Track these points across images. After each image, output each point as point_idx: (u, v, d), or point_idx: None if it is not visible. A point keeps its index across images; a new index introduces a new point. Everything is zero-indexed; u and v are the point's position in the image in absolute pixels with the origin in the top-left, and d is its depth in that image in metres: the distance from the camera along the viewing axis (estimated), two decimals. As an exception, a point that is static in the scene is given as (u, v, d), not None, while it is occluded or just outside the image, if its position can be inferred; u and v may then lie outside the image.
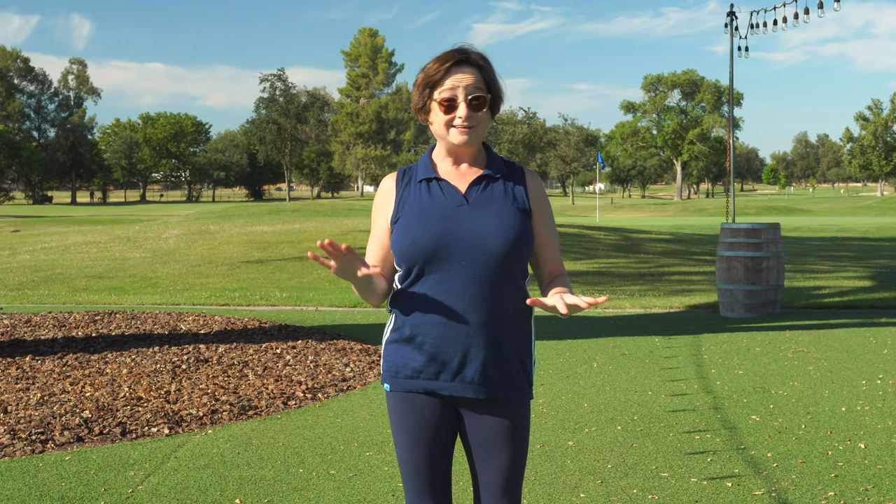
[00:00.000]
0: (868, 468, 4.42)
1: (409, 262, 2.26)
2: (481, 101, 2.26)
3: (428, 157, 2.38)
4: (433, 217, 2.26)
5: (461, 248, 2.23)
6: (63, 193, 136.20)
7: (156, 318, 9.47)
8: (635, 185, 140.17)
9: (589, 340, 8.18)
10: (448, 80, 2.25)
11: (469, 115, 2.25)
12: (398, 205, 2.32)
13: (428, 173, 2.33)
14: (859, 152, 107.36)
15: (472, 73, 2.27)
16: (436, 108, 2.28)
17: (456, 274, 2.23)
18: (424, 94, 2.29)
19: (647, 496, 4.06)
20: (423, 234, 2.24)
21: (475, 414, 2.33)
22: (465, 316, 2.24)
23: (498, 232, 2.23)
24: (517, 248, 2.25)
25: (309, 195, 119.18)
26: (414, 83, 2.33)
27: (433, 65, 2.28)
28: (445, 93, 2.25)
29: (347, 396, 6.08)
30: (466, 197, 2.28)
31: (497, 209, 2.27)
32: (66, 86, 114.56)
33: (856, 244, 22.56)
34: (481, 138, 2.31)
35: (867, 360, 7.17)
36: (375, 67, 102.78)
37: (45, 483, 4.30)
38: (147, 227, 29.06)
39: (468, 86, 2.25)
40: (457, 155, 2.34)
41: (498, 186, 2.31)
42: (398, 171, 2.40)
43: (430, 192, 2.30)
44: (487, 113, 2.29)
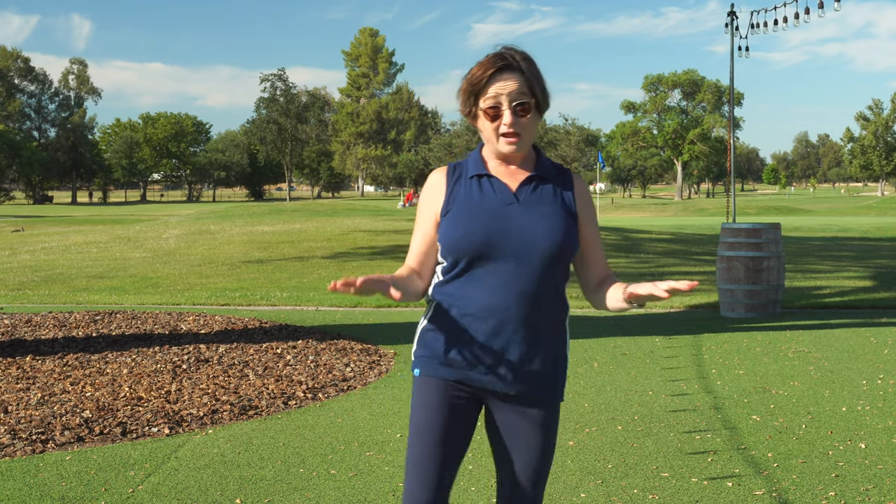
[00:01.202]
0: (869, 468, 4.41)
1: (456, 256, 2.27)
2: (525, 107, 2.26)
3: (478, 153, 2.38)
4: (484, 213, 2.27)
5: (509, 246, 2.24)
6: (63, 193, 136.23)
7: (156, 318, 9.47)
8: (636, 184, 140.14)
9: (589, 340, 8.18)
10: (491, 88, 2.25)
11: (514, 122, 2.25)
12: (448, 199, 2.33)
13: (479, 170, 2.34)
14: (860, 152, 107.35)
15: (515, 78, 2.26)
16: (482, 116, 2.29)
17: (501, 270, 2.25)
18: (470, 101, 2.30)
19: (647, 496, 4.06)
20: (473, 229, 2.25)
21: (506, 409, 2.33)
22: (506, 312, 2.25)
23: (546, 233, 2.25)
24: (564, 250, 2.27)
25: (309, 195, 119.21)
26: (459, 89, 2.33)
27: (476, 71, 2.27)
28: (489, 101, 2.25)
29: (348, 396, 6.08)
30: (517, 195, 2.29)
31: (546, 210, 2.28)
32: (66, 86, 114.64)
33: (856, 244, 22.56)
34: (530, 143, 2.32)
35: (868, 359, 7.17)
36: (376, 67, 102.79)
37: (46, 483, 4.30)
38: (147, 226, 29.07)
39: (511, 92, 2.24)
40: (506, 157, 2.35)
41: (547, 188, 2.32)
42: (448, 165, 2.40)
43: (482, 189, 2.31)
44: (533, 117, 2.29)
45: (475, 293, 2.26)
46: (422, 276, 2.38)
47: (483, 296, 2.25)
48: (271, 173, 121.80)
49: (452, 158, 70.84)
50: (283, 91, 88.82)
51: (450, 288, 2.31)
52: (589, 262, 2.40)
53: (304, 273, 14.87)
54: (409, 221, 27.91)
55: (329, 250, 18.43)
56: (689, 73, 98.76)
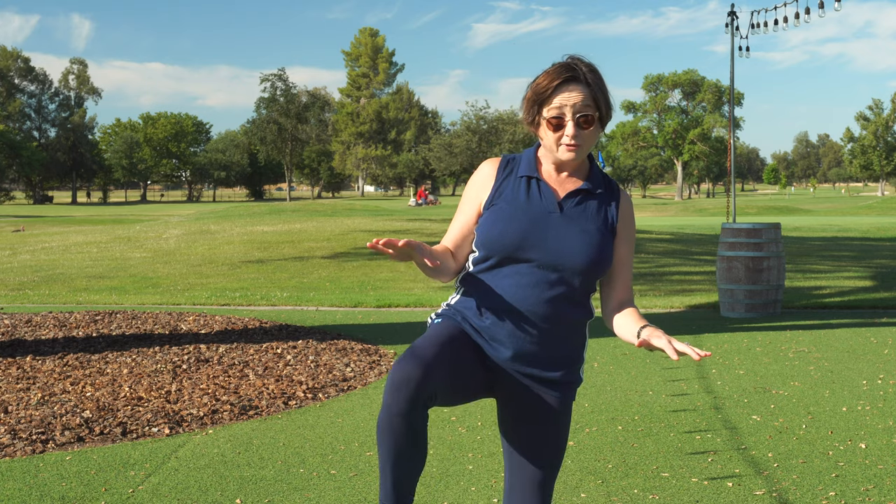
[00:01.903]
0: (869, 468, 4.41)
1: (488, 251, 2.29)
2: (589, 119, 2.27)
3: (533, 154, 2.40)
4: (525, 217, 2.29)
5: (542, 254, 2.26)
6: (64, 193, 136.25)
7: (156, 318, 9.47)
8: (636, 184, 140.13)
9: (589, 340, 8.15)
10: (556, 99, 2.26)
11: (576, 134, 2.26)
12: (495, 192, 2.35)
13: (530, 171, 2.35)
14: (860, 152, 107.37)
15: (581, 90, 2.27)
16: (545, 126, 2.30)
17: (530, 274, 2.27)
18: (533, 109, 2.31)
19: (647, 496, 4.06)
20: (510, 230, 2.27)
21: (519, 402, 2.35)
22: (529, 314, 2.27)
23: (582, 248, 2.26)
24: (596, 267, 2.29)
25: (309, 195, 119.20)
26: (524, 97, 2.34)
27: (543, 80, 2.28)
28: (553, 111, 2.26)
29: (348, 396, 6.08)
30: (561, 205, 2.31)
31: (586, 225, 2.30)
32: (66, 86, 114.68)
33: (856, 244, 22.56)
34: (587, 153, 2.33)
35: (868, 359, 7.17)
36: (376, 67, 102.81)
37: (46, 483, 4.30)
38: (148, 226, 29.07)
39: (576, 104, 2.25)
40: (561, 164, 2.36)
41: (593, 203, 2.33)
42: (502, 158, 2.42)
43: (529, 191, 2.33)
44: (596, 129, 2.30)
45: (502, 290, 2.28)
46: (456, 259, 2.40)
47: (509, 293, 2.27)
48: (271, 173, 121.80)
49: (453, 158, 70.77)
50: (284, 91, 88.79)
51: (478, 280, 2.33)
52: (614, 282, 2.41)
53: (304, 273, 14.87)
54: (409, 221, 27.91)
55: (329, 250, 18.43)
56: (690, 73, 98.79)
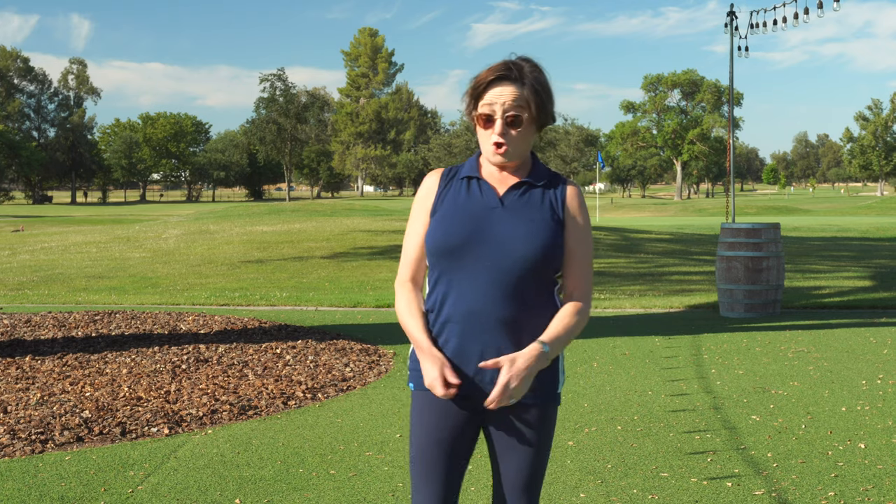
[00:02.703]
0: (868, 468, 4.42)
1: (436, 256, 2.28)
2: (517, 119, 2.23)
3: (476, 157, 2.39)
4: (466, 215, 2.27)
5: (487, 250, 2.23)
6: (63, 193, 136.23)
7: (156, 318, 9.46)
8: (635, 184, 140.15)
9: (589, 340, 8.18)
10: (488, 95, 2.24)
11: (504, 132, 2.23)
12: (437, 199, 2.34)
13: (471, 172, 2.34)
14: (859, 152, 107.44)
15: (514, 88, 2.23)
16: (477, 121, 2.28)
17: (479, 275, 2.23)
18: (470, 104, 2.30)
19: (647, 496, 4.06)
20: (453, 230, 2.25)
21: (499, 414, 2.32)
22: (487, 317, 2.23)
23: (526, 239, 2.23)
24: (544, 256, 2.24)
25: (309, 195, 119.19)
26: (464, 92, 2.33)
27: (481, 75, 2.27)
28: (484, 108, 2.25)
29: (347, 396, 6.08)
30: (503, 200, 2.28)
31: (530, 215, 2.26)
32: (65, 86, 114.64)
33: (856, 244, 22.56)
34: (519, 156, 2.28)
35: (867, 359, 7.17)
36: (375, 67, 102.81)
37: (45, 483, 4.30)
38: (147, 226, 29.06)
39: (506, 103, 2.22)
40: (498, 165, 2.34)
41: (536, 193, 2.30)
42: (445, 169, 2.40)
43: (469, 191, 2.31)
44: (527, 129, 2.26)
45: (456, 298, 2.25)
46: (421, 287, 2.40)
47: (463, 301, 2.24)
48: (271, 173, 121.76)
49: (452, 158, 70.83)
50: (283, 91, 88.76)
51: (434, 295, 2.31)
52: (565, 276, 2.34)
53: (303, 273, 14.87)
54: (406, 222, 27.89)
55: (329, 250, 18.43)
56: (689, 73, 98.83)
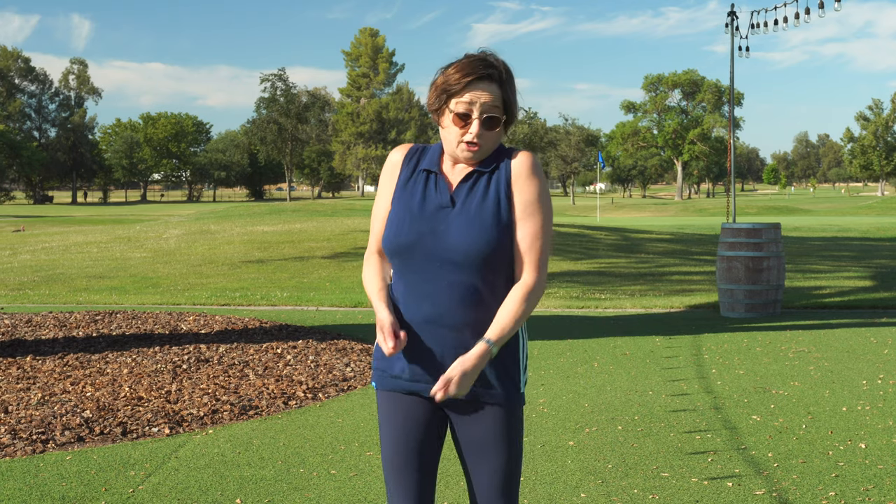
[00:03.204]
0: (869, 468, 4.42)
1: (389, 254, 2.29)
2: (495, 121, 2.23)
3: (439, 147, 2.36)
4: (418, 215, 2.26)
5: (437, 252, 2.21)
6: (64, 193, 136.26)
7: (156, 318, 9.47)
8: (636, 185, 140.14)
9: (589, 340, 8.18)
10: (467, 94, 2.21)
11: (480, 133, 2.22)
12: (399, 186, 2.33)
13: (431, 164, 2.31)
14: (860, 152, 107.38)
15: (492, 90, 2.22)
16: (450, 118, 2.24)
17: (433, 275, 2.22)
18: (441, 98, 2.25)
19: (647, 496, 4.06)
20: (404, 230, 2.25)
21: (463, 417, 2.30)
22: (442, 318, 2.22)
23: (475, 239, 2.20)
24: (494, 255, 2.21)
25: (309, 195, 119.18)
26: (432, 82, 2.27)
27: (455, 73, 2.22)
28: (461, 106, 2.21)
29: (348, 396, 6.08)
30: (454, 197, 2.26)
31: (479, 212, 2.22)
32: (66, 86, 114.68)
33: (856, 244, 22.56)
34: (487, 154, 2.28)
35: (868, 359, 7.17)
36: (376, 67, 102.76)
37: (46, 483, 4.30)
38: (148, 226, 29.06)
39: (485, 103, 2.21)
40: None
41: (482, 182, 2.26)
42: (411, 147, 2.37)
43: (426, 187, 2.30)
44: (500, 131, 2.26)
45: (412, 298, 2.25)
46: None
47: (419, 301, 2.24)
48: (271, 173, 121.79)
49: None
50: (284, 91, 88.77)
51: (395, 291, 2.31)
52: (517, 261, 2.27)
53: (304, 273, 14.87)
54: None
55: (329, 250, 18.43)
56: (689, 73, 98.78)
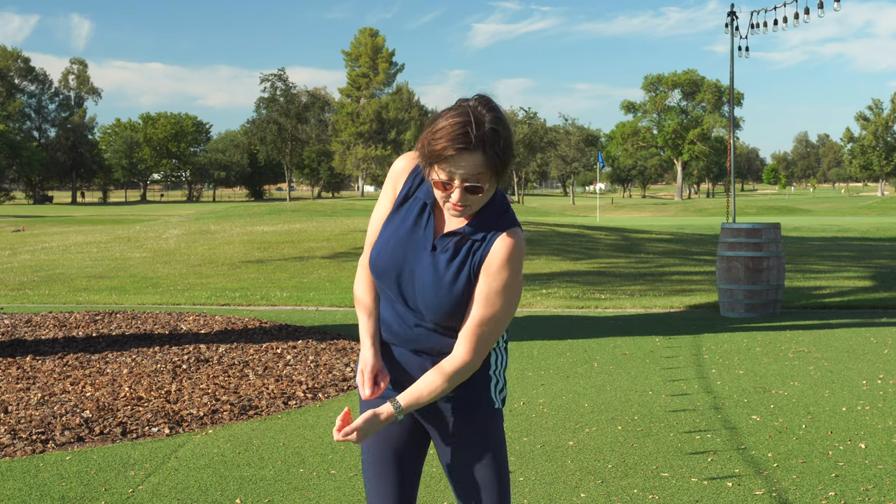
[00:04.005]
0: (869, 468, 4.42)
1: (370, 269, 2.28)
2: (476, 189, 2.14)
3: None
4: (402, 248, 2.23)
5: (408, 290, 2.22)
6: (63, 193, 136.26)
7: (156, 318, 9.47)
8: (636, 185, 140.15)
9: (589, 340, 8.18)
10: (446, 164, 2.10)
11: (463, 198, 2.14)
12: (397, 202, 2.29)
13: (428, 196, 2.26)
14: (860, 152, 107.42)
15: (476, 158, 2.09)
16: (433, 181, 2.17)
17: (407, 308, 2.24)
18: (425, 161, 2.17)
19: (647, 496, 4.06)
20: (382, 258, 2.24)
21: (442, 433, 2.31)
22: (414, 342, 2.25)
23: (443, 293, 2.18)
24: (452, 313, 2.20)
25: (309, 195, 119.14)
26: (420, 137, 2.18)
27: (439, 140, 2.09)
28: (443, 174, 2.12)
29: (348, 396, 6.08)
30: (436, 245, 2.22)
31: (454, 269, 2.20)
32: (66, 86, 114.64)
33: (856, 244, 22.56)
34: (477, 209, 2.21)
35: (868, 359, 7.17)
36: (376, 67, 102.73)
37: (46, 483, 4.30)
38: (147, 226, 29.06)
39: (466, 173, 2.10)
40: None
41: (465, 247, 2.21)
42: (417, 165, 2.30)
43: (418, 220, 2.25)
44: (486, 192, 2.17)
45: (390, 317, 2.27)
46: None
47: (395, 323, 2.26)
48: (271, 173, 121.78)
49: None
50: (284, 91, 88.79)
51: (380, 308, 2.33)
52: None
53: (304, 273, 14.87)
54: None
55: (329, 250, 18.44)
56: (689, 73, 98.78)
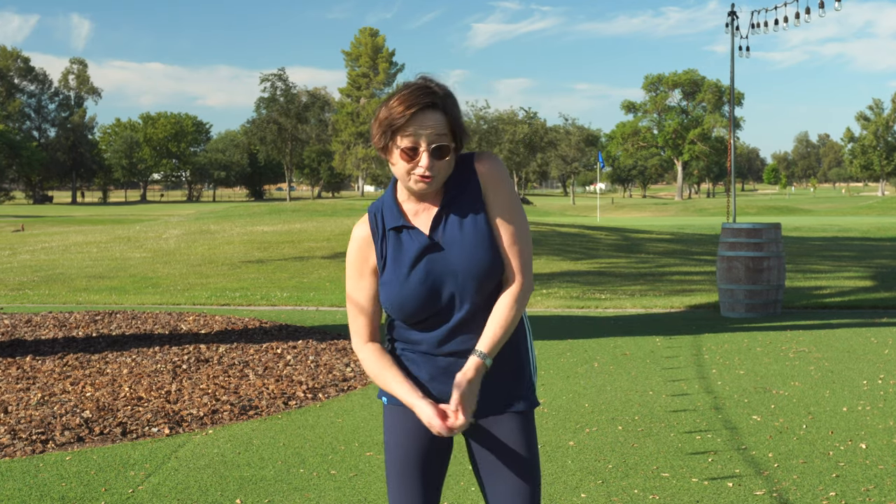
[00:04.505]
0: (869, 468, 4.41)
1: (402, 318, 2.25)
2: (444, 150, 2.15)
3: (392, 198, 2.28)
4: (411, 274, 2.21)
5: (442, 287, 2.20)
6: (63, 193, 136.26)
7: (156, 318, 9.46)
8: (636, 184, 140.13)
9: (590, 340, 8.17)
10: (411, 127, 2.12)
11: (431, 165, 2.14)
12: (380, 258, 2.26)
13: (396, 221, 2.24)
14: (860, 152, 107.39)
15: (437, 118, 2.14)
16: (397, 154, 2.16)
17: (446, 308, 2.22)
18: (386, 136, 2.17)
19: (648, 496, 4.05)
20: (408, 297, 2.20)
21: (481, 432, 2.29)
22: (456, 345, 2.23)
23: (469, 267, 2.19)
24: (489, 276, 2.21)
25: (309, 195, 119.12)
26: (374, 118, 2.20)
27: (396, 106, 2.13)
28: (408, 140, 2.12)
29: (348, 396, 6.07)
30: (433, 237, 2.22)
31: (462, 240, 2.21)
32: (66, 85, 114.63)
33: (857, 244, 22.55)
34: (442, 182, 2.21)
35: (868, 360, 7.17)
36: (376, 67, 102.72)
37: (46, 483, 4.30)
38: (148, 226, 29.06)
39: (431, 134, 2.13)
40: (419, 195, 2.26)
41: (456, 213, 2.22)
42: (368, 216, 2.30)
43: (402, 244, 2.24)
44: (451, 158, 2.19)
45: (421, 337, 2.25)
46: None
47: (431, 335, 2.23)
48: (271, 173, 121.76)
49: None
50: (284, 91, 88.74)
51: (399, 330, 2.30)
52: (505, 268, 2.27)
53: (304, 273, 14.86)
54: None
55: (329, 250, 18.43)
56: (690, 73, 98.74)
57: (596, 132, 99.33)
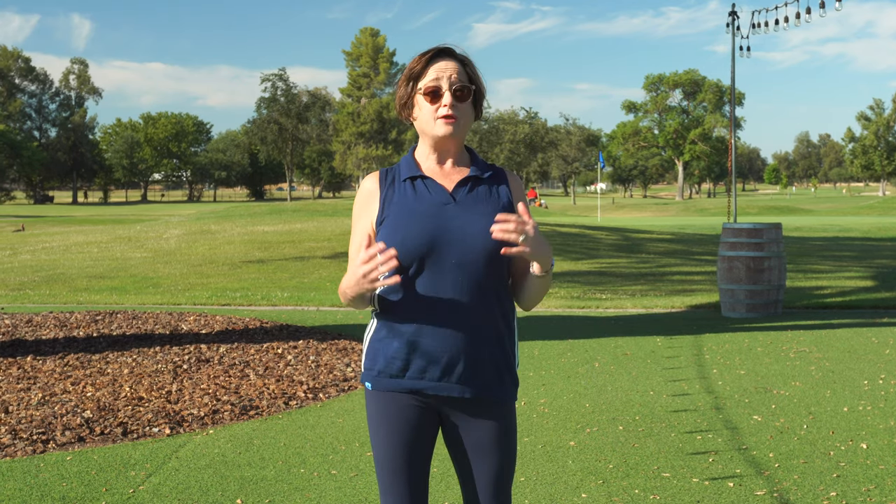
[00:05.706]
0: (870, 468, 4.41)
1: (403, 259, 2.22)
2: (465, 92, 2.27)
3: (411, 156, 2.36)
4: (421, 216, 2.23)
5: (450, 247, 2.21)
6: (64, 193, 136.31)
7: (157, 318, 9.47)
8: (637, 184, 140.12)
9: (590, 340, 8.17)
10: (431, 70, 2.27)
11: (453, 104, 2.25)
12: (383, 205, 2.29)
13: (412, 172, 2.31)
14: (861, 152, 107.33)
15: (456, 64, 2.29)
16: (420, 100, 2.28)
17: (444, 273, 2.21)
18: (409, 87, 2.30)
19: (648, 496, 4.05)
20: (411, 233, 2.21)
21: (462, 416, 2.30)
22: (454, 315, 2.22)
23: (486, 232, 2.20)
24: (493, 257, 2.23)
25: (310, 195, 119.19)
26: (397, 82, 2.34)
27: (416, 59, 2.31)
28: (430, 82, 2.26)
29: (349, 396, 6.08)
30: (454, 195, 2.26)
31: (483, 209, 2.26)
32: (67, 86, 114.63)
33: (857, 244, 22.54)
34: (465, 132, 2.30)
35: (869, 360, 7.17)
36: (376, 67, 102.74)
37: (47, 483, 4.30)
38: (148, 226, 29.06)
39: (452, 76, 2.27)
40: (441, 151, 2.32)
41: (483, 187, 2.31)
42: (380, 171, 2.36)
43: (416, 191, 2.28)
44: (471, 106, 2.30)
45: (420, 299, 2.22)
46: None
47: (429, 301, 2.22)
48: (272, 173, 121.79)
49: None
50: (284, 91, 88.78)
51: (393, 297, 2.27)
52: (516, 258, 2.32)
53: (304, 273, 14.86)
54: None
55: (330, 250, 18.43)
56: (690, 73, 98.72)
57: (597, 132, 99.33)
